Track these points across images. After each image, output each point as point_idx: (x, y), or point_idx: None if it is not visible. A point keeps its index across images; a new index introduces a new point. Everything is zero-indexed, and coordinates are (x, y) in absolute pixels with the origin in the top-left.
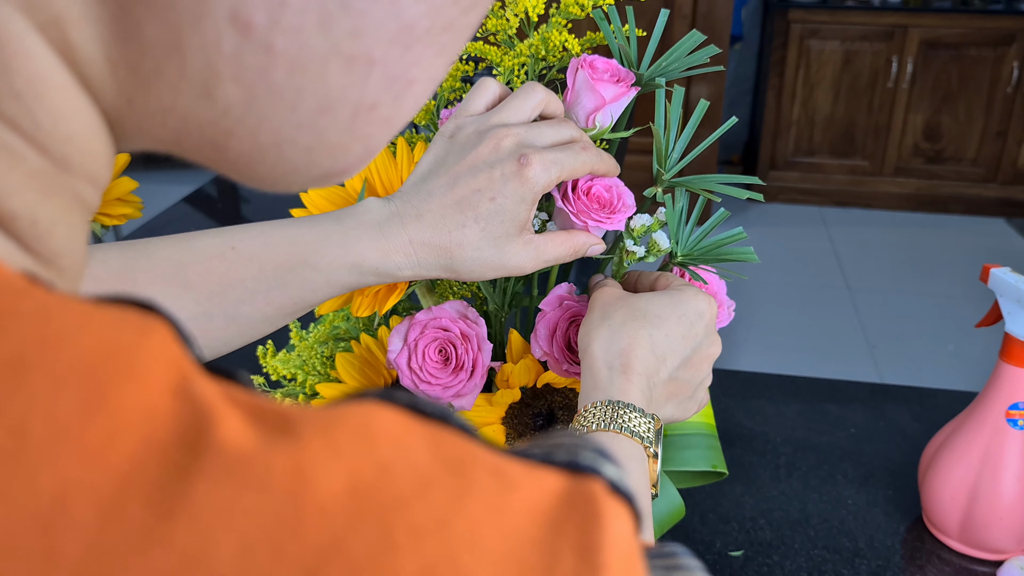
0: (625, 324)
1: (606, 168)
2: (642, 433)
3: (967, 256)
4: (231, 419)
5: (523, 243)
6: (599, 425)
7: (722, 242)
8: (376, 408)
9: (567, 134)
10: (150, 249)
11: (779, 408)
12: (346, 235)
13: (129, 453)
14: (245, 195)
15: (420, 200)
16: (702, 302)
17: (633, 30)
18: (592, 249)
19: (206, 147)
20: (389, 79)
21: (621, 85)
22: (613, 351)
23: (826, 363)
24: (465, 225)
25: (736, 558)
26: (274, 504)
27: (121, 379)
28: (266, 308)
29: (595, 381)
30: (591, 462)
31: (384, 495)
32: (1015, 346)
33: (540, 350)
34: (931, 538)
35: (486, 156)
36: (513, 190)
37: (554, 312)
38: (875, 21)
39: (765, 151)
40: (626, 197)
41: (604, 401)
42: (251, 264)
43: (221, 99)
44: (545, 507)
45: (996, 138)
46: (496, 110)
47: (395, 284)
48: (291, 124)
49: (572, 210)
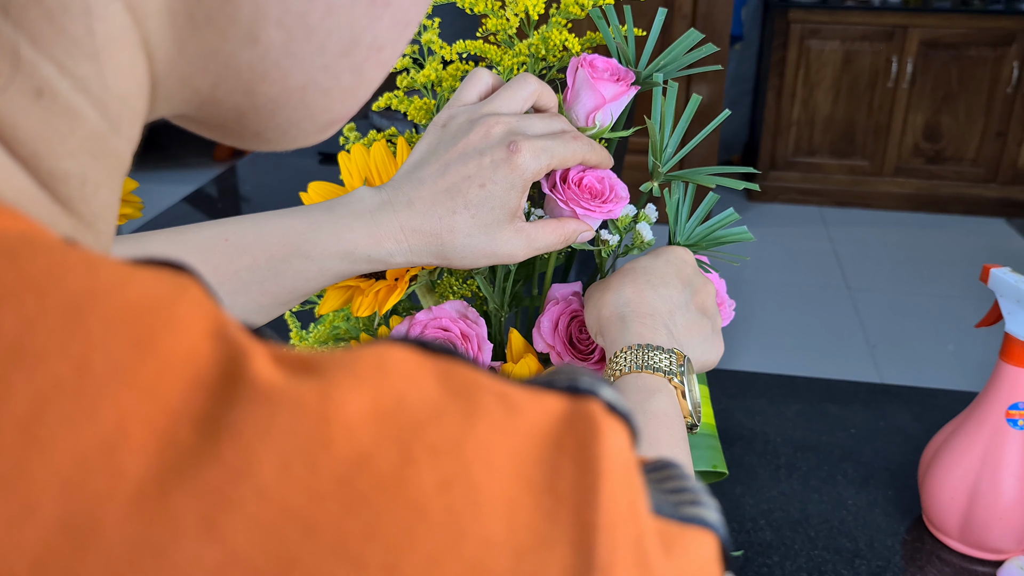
0: (623, 282)
1: (598, 159)
2: (664, 367)
3: (967, 256)
4: (263, 358)
5: (514, 230)
6: (624, 369)
7: (716, 226)
8: (389, 347)
9: (558, 126)
10: (143, 243)
11: (779, 408)
12: (338, 224)
13: (178, 390)
14: (245, 195)
15: (411, 187)
16: (680, 250)
17: (632, 30)
18: (581, 236)
19: (238, 94)
20: (396, 21)
21: (621, 84)
22: (620, 302)
23: (826, 363)
24: (455, 212)
25: (736, 558)
26: (307, 423)
27: (166, 325)
28: (260, 298)
29: (614, 334)
30: (589, 385)
31: (403, 419)
32: (1015, 346)
33: (543, 342)
34: (931, 538)
35: (476, 143)
36: (503, 176)
37: (559, 306)
38: (875, 21)
39: (765, 151)
40: (619, 188)
41: (622, 347)
42: (244, 255)
43: (264, 41)
44: (547, 427)
45: (996, 138)
46: (489, 100)
47: (395, 284)
48: (318, 66)
49: (561, 198)
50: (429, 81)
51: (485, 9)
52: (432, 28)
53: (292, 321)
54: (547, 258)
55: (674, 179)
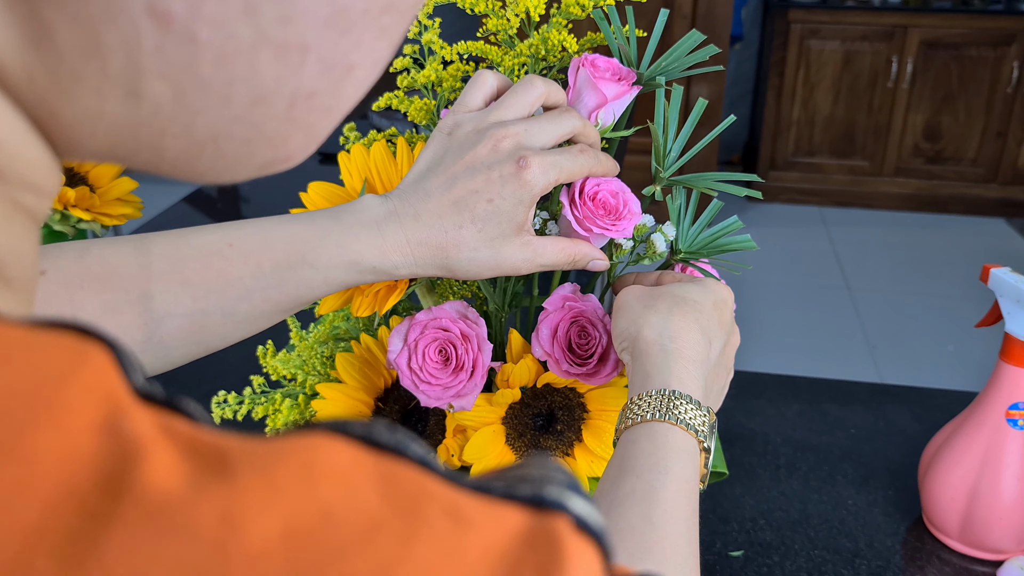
0: (671, 310)
1: (604, 169)
2: (697, 426)
3: (967, 256)
4: (161, 456)
5: (520, 244)
6: (653, 415)
7: (719, 233)
8: (324, 441)
9: (568, 126)
10: (146, 245)
11: (779, 408)
12: (344, 233)
13: (41, 502)
14: (245, 195)
15: (418, 199)
16: (725, 290)
17: (633, 30)
18: (593, 264)
19: (143, 151)
20: (326, 66)
21: (623, 83)
22: (666, 334)
23: (826, 363)
24: (462, 226)
25: (736, 558)
26: (198, 554)
27: (40, 418)
28: (263, 305)
29: (650, 366)
30: (557, 496)
31: (323, 543)
32: (1015, 346)
33: (541, 350)
34: (931, 538)
35: (484, 157)
36: (511, 192)
37: (557, 312)
38: (875, 21)
39: (765, 151)
40: (632, 204)
41: (659, 390)
42: (249, 261)
43: (149, 98)
44: (502, 548)
45: (996, 138)
46: (495, 106)
47: (395, 284)
48: (225, 118)
49: (578, 215)
50: (429, 81)
51: (486, 9)
52: (433, 28)
53: (292, 321)
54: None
55: (676, 184)
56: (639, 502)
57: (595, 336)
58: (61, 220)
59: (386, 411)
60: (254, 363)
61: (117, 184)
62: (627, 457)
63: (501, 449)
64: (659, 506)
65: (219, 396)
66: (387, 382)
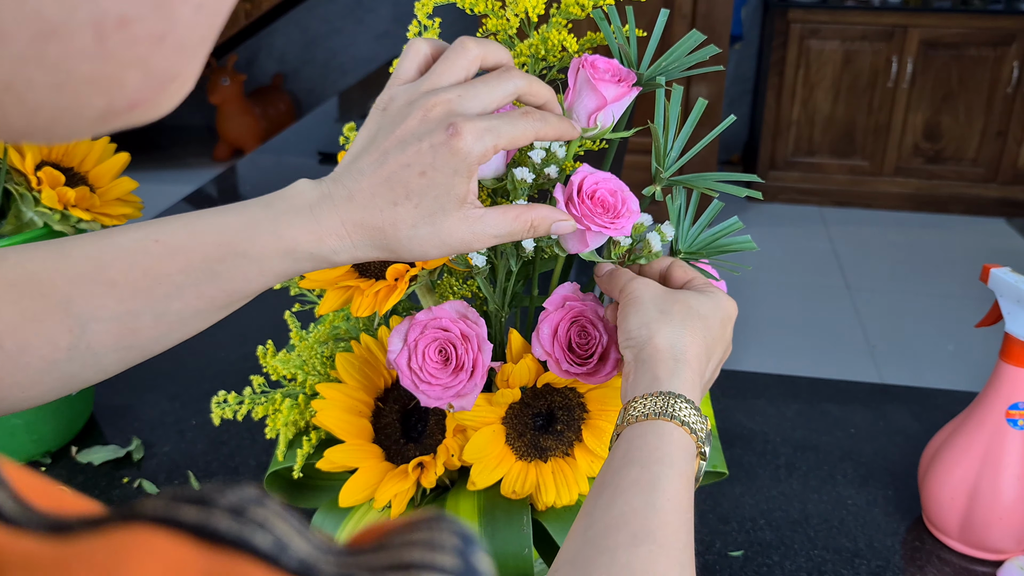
0: (685, 323)
1: (555, 131)
2: (696, 430)
3: (967, 256)
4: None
5: (462, 217)
6: (660, 413)
7: (720, 234)
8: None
9: (509, 88)
10: (66, 248)
11: (779, 408)
12: (277, 220)
13: None
14: (245, 195)
15: (351, 179)
16: (732, 307)
17: (633, 30)
18: (557, 227)
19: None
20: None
21: (622, 85)
22: (678, 345)
23: (826, 363)
24: (397, 203)
25: (736, 558)
26: None
27: None
28: (196, 303)
29: (660, 371)
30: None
31: None
32: (1015, 346)
33: (541, 350)
34: (931, 538)
35: (414, 128)
36: (444, 162)
37: (557, 312)
38: (875, 21)
39: (765, 151)
40: (631, 202)
41: (668, 391)
42: (177, 257)
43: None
44: None
45: (996, 138)
46: (427, 75)
47: (395, 284)
48: (9, 59)
49: (576, 214)
50: None
51: (486, 9)
52: (432, 28)
53: (292, 321)
54: (549, 258)
55: (676, 184)
56: (643, 490)
57: (595, 336)
58: (61, 220)
59: (386, 411)
60: (254, 363)
61: (117, 184)
62: (632, 449)
63: (501, 449)
64: (662, 495)
65: (219, 396)
66: (387, 382)
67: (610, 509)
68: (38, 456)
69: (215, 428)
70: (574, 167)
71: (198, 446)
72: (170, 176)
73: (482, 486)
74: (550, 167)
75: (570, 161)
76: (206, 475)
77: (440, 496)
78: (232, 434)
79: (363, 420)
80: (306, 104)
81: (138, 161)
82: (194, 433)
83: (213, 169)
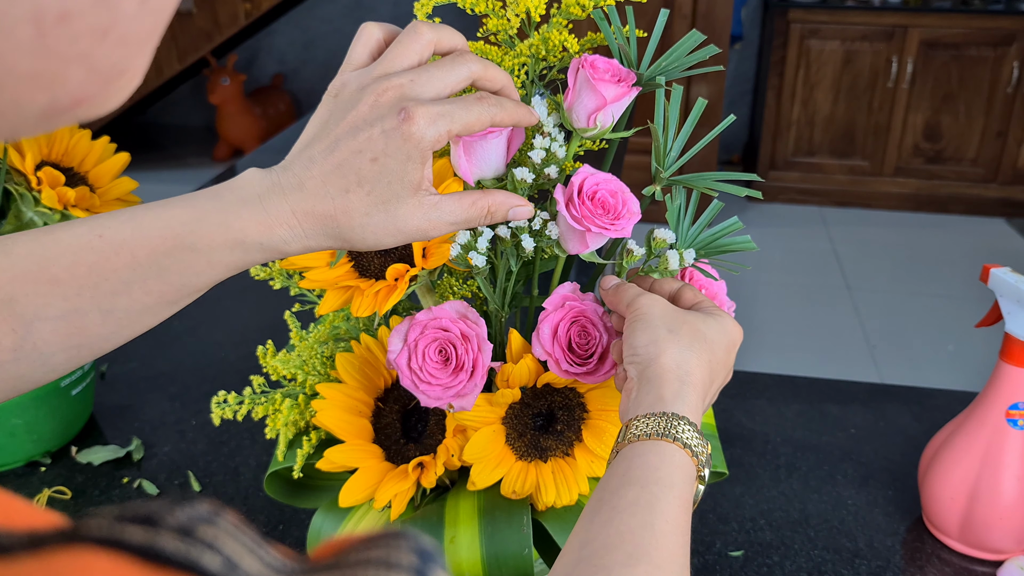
0: (692, 345)
1: (513, 117)
2: (698, 453)
3: (967, 256)
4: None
5: (416, 204)
6: (663, 433)
7: (720, 234)
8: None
9: (463, 72)
10: (8, 246)
11: (779, 408)
12: (225, 211)
13: None
14: None
15: (301, 167)
16: (738, 333)
17: (633, 30)
18: (514, 212)
19: None
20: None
21: (622, 85)
22: (684, 367)
23: (826, 363)
24: (349, 190)
25: (736, 558)
26: None
27: None
28: (145, 298)
29: (665, 391)
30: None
31: None
32: (1015, 346)
33: (541, 350)
34: (931, 538)
35: (366, 114)
36: (396, 148)
37: (557, 312)
38: (875, 21)
39: (765, 151)
40: (631, 203)
41: (672, 412)
42: (122, 252)
43: None
44: None
45: (996, 138)
46: (380, 60)
47: (395, 284)
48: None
49: (576, 214)
50: None
51: (486, 9)
52: None
53: (292, 321)
54: (549, 258)
55: (676, 184)
56: (641, 511)
57: (595, 335)
58: (61, 220)
59: (386, 411)
60: (254, 363)
61: (117, 184)
62: (632, 468)
63: (501, 449)
64: (660, 516)
65: (219, 396)
66: (387, 382)
67: (607, 527)
68: (38, 456)
69: (215, 428)
70: (574, 167)
71: (198, 446)
72: (170, 176)
73: (482, 486)
74: (550, 167)
75: (570, 161)
76: (206, 475)
77: (440, 496)
78: (232, 434)
79: (363, 420)
80: (306, 104)
81: (138, 161)
82: (194, 433)
83: (213, 169)
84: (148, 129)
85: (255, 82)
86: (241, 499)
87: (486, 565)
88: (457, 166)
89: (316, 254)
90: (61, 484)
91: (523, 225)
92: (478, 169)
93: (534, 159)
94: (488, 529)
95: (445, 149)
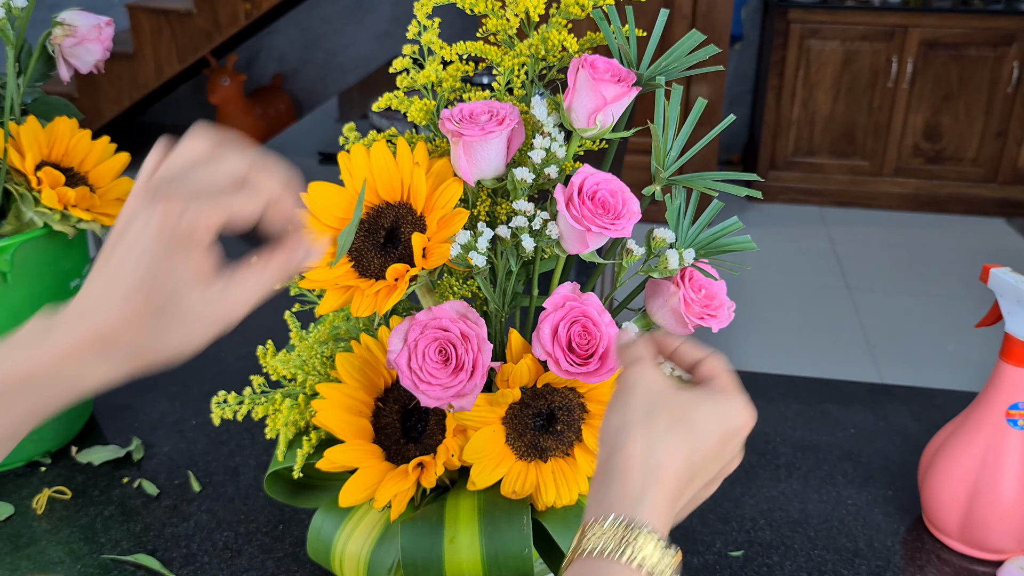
0: (668, 433)
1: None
2: (656, 573)
3: (967, 256)
4: None
5: (201, 297)
6: (608, 551)
7: (719, 234)
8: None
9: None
10: None
11: (779, 408)
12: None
13: None
14: None
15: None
16: (746, 418)
17: (633, 30)
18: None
19: None
20: None
21: (622, 85)
22: (652, 462)
23: (826, 363)
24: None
25: (736, 558)
26: None
27: None
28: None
29: (626, 487)
30: None
31: None
32: (1015, 346)
33: (541, 350)
34: (931, 538)
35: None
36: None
37: (557, 312)
38: (875, 21)
39: (765, 151)
40: (631, 203)
41: (628, 521)
42: None
43: None
44: None
45: (996, 138)
46: None
47: (395, 284)
48: None
49: (576, 214)
50: (429, 82)
51: (485, 9)
52: (432, 28)
53: (292, 321)
54: (549, 258)
55: (676, 184)
56: None
57: (595, 336)
58: (62, 220)
59: (386, 411)
60: (254, 363)
61: (117, 184)
62: None
63: (501, 449)
64: None
65: (219, 396)
66: (387, 382)
67: None
68: (38, 456)
69: (215, 428)
70: (574, 167)
71: (198, 446)
72: None
73: (482, 486)
74: (550, 167)
75: (570, 161)
76: (206, 475)
77: (440, 496)
78: (232, 434)
79: (363, 420)
80: (306, 104)
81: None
82: (194, 433)
83: None
84: (148, 129)
85: (255, 82)
86: (241, 499)
87: (486, 565)
88: (457, 166)
89: None
90: (61, 484)
91: (523, 225)
92: (478, 169)
93: (534, 159)
94: (488, 529)
95: (445, 149)
